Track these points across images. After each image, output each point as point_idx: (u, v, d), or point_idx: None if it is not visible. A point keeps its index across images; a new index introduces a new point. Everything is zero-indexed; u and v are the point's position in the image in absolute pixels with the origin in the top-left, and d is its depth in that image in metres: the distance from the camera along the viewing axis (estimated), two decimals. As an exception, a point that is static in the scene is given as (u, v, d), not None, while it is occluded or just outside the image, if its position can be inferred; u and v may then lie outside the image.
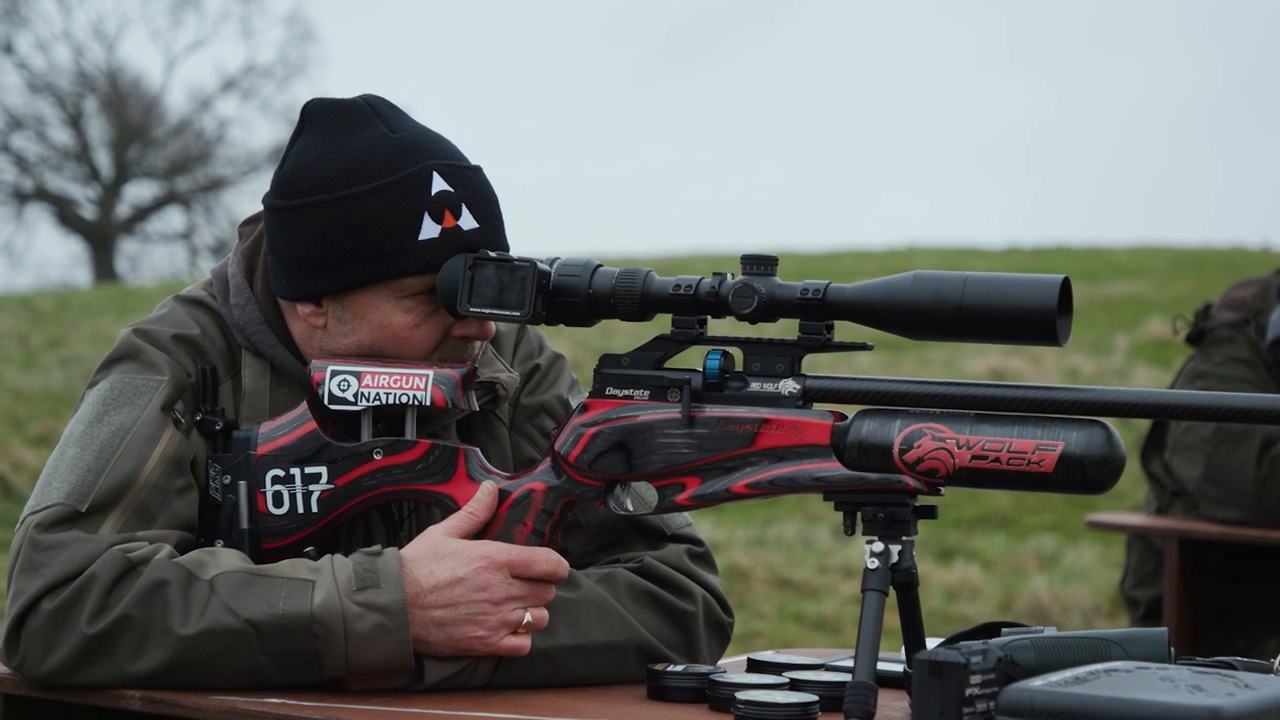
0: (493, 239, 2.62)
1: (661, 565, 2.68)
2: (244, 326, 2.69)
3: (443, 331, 2.64)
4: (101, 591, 2.43)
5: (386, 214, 2.58)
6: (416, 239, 2.58)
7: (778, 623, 9.12)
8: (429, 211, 2.59)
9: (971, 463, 2.25)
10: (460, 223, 2.60)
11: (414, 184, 2.60)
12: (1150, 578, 6.01)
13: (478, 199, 2.63)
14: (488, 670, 2.50)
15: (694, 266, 18.74)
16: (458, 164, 2.65)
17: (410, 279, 2.60)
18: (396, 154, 2.61)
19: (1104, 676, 2.04)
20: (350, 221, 2.59)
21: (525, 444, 2.79)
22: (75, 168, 33.89)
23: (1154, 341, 14.99)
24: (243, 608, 2.42)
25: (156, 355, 2.64)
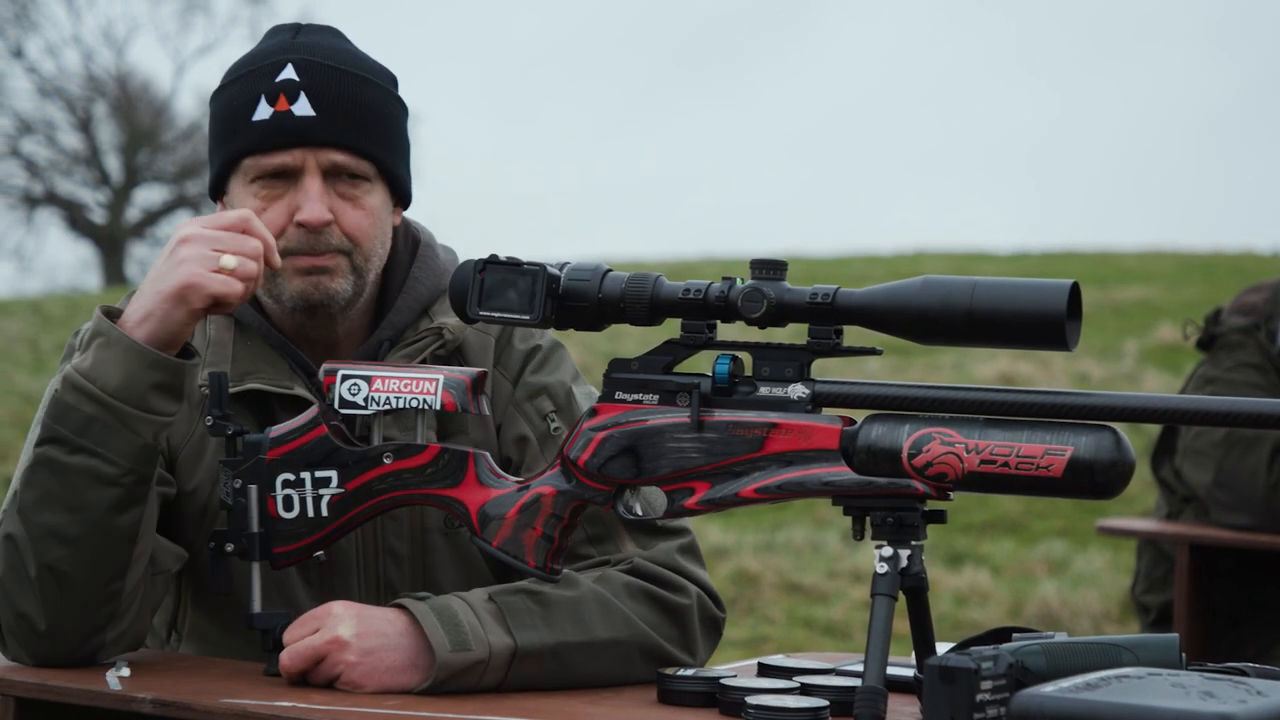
0: (331, 132, 2.73)
1: (652, 565, 2.70)
2: None
3: (288, 216, 2.74)
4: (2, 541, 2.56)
5: (235, 99, 2.76)
6: (250, 119, 2.72)
7: (787, 627, 9.11)
8: (265, 94, 2.73)
9: (980, 467, 2.25)
10: (294, 108, 2.72)
11: (264, 72, 2.75)
12: (1161, 583, 6.00)
13: (324, 93, 2.74)
14: (499, 670, 2.51)
15: (703, 271, 18.74)
16: (320, 61, 2.76)
17: (249, 159, 2.74)
18: (271, 50, 2.78)
19: (1115, 682, 2.04)
20: (216, 110, 2.79)
21: (521, 421, 2.83)
22: (85, 172, 33.95)
23: (1164, 346, 14.98)
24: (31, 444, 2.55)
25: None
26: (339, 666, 2.49)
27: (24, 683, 2.51)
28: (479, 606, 2.53)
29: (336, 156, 2.74)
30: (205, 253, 2.54)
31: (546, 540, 2.51)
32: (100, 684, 2.49)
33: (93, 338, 2.53)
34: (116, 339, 2.52)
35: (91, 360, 2.52)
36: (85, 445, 2.50)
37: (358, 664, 2.49)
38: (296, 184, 2.74)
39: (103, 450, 2.50)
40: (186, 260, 2.53)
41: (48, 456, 2.51)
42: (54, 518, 2.51)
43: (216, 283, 2.53)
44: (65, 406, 2.51)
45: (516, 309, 2.47)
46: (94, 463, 2.50)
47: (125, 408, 2.51)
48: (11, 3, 33.82)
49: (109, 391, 2.50)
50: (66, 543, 2.51)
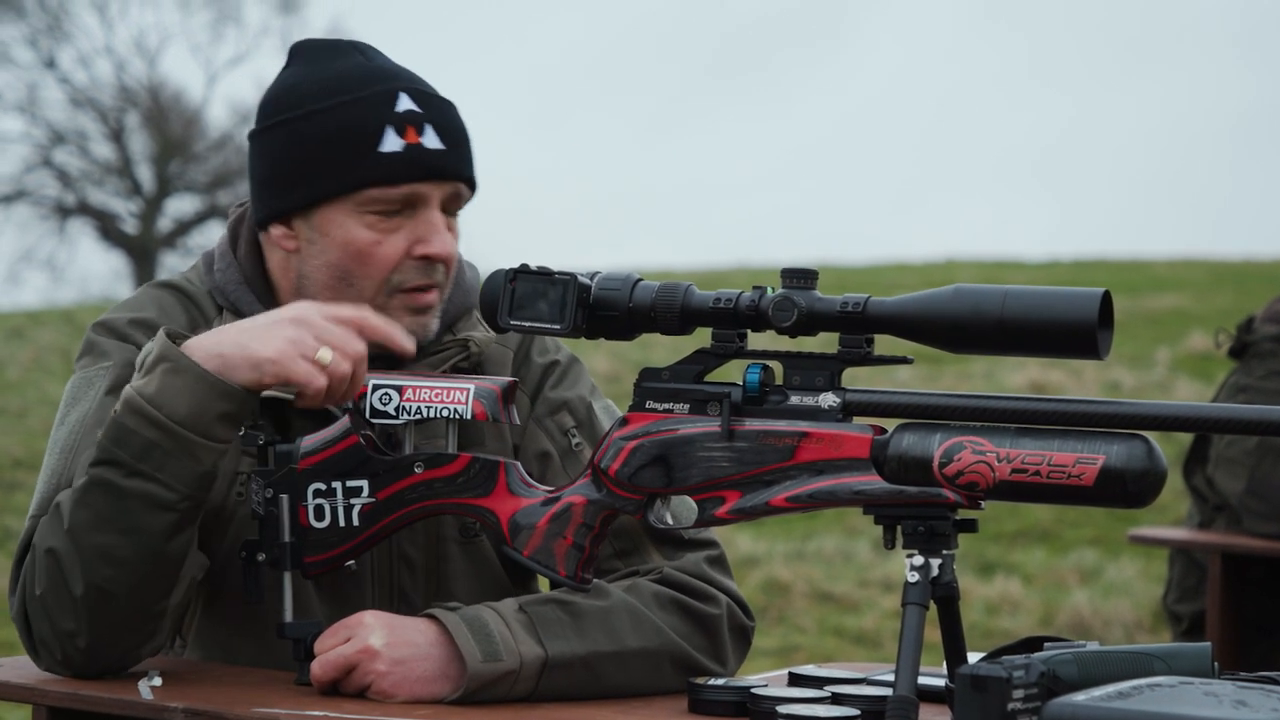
0: (457, 166, 2.72)
1: (681, 574, 2.69)
2: (224, 288, 2.79)
3: (406, 249, 2.70)
4: (39, 553, 2.54)
5: (351, 126, 2.68)
6: (378, 150, 2.67)
7: (818, 637, 9.11)
8: (393, 125, 2.68)
9: (1012, 476, 2.25)
10: (423, 140, 2.69)
11: (381, 99, 2.69)
12: (1193, 592, 5.99)
13: (445, 124, 2.72)
14: (530, 680, 2.51)
15: (734, 280, 18.74)
16: (426, 90, 2.74)
17: (372, 190, 2.68)
18: (368, 76, 2.72)
19: (1147, 691, 2.04)
20: (317, 134, 2.69)
21: (543, 437, 2.83)
22: (117, 182, 34.04)
23: (1196, 355, 14.94)
24: (86, 464, 2.51)
25: (108, 344, 2.74)
26: (370, 676, 2.50)
27: (56, 692, 2.52)
28: (510, 616, 2.53)
29: (459, 188, 2.74)
30: (307, 339, 2.49)
31: (577, 549, 2.51)
32: (132, 693, 2.50)
33: (157, 362, 2.49)
34: (186, 367, 2.47)
35: (157, 386, 2.48)
36: (144, 470, 2.48)
37: (388, 673, 2.49)
38: (414, 216, 2.70)
39: (161, 476, 2.48)
40: (286, 337, 2.49)
41: (104, 479, 2.49)
42: (106, 539, 2.49)
43: (301, 370, 2.48)
44: (125, 430, 2.48)
45: (547, 318, 2.47)
46: (152, 488, 2.48)
47: (189, 435, 2.48)
48: (44, 13, 33.95)
49: (175, 419, 2.47)
50: (117, 564, 2.49)
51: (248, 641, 2.72)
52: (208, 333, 2.54)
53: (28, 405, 14.57)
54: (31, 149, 33.67)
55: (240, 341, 2.49)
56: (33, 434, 13.29)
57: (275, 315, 2.52)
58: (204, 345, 2.50)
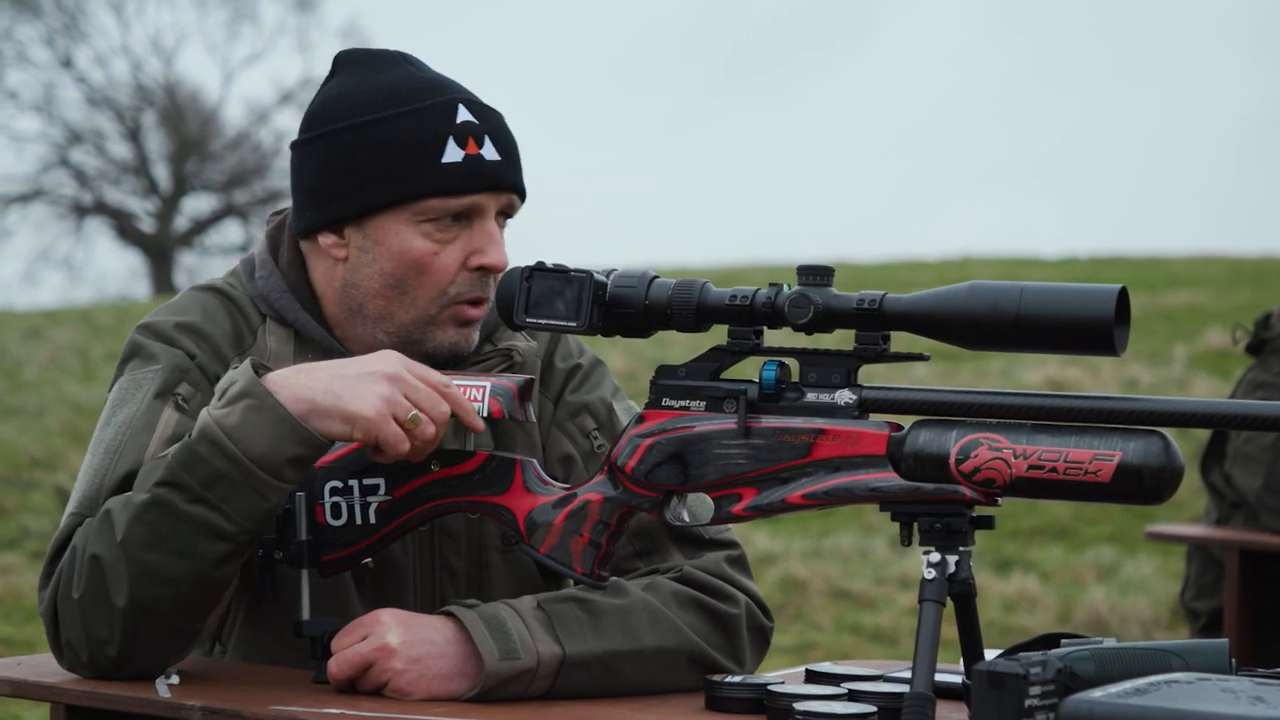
0: (512, 175, 2.73)
1: (701, 573, 2.69)
2: (267, 295, 2.78)
3: (462, 260, 2.70)
4: (80, 556, 2.52)
5: (411, 136, 2.68)
6: (440, 161, 2.67)
7: (834, 634, 9.10)
8: (454, 136, 2.68)
9: (1028, 473, 2.25)
10: (483, 152, 2.70)
11: (440, 111, 2.70)
12: (1210, 589, 5.99)
13: (500, 134, 2.73)
14: (547, 678, 2.51)
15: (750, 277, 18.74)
16: (480, 102, 2.75)
17: (431, 201, 2.68)
18: (424, 87, 2.73)
19: (1165, 688, 2.03)
20: (374, 144, 2.69)
21: (565, 440, 2.82)
22: (134, 181, 34.11)
23: (1213, 351, 14.92)
24: (149, 480, 2.49)
25: (155, 347, 2.72)
26: (386, 674, 2.50)
27: (74, 690, 2.53)
28: (528, 614, 2.53)
29: (513, 199, 2.74)
30: (401, 400, 2.47)
31: (594, 547, 2.52)
32: (150, 692, 2.50)
33: (241, 396, 2.46)
34: (271, 407, 2.45)
35: (238, 420, 2.45)
36: (208, 498, 2.46)
37: (405, 671, 2.49)
38: (469, 226, 2.70)
39: (225, 507, 2.47)
40: (381, 395, 2.47)
41: (166, 500, 2.47)
42: (158, 558, 2.48)
43: (391, 432, 2.46)
44: (196, 457, 2.46)
45: (563, 316, 2.47)
46: (213, 517, 2.47)
47: (260, 473, 2.46)
48: (61, 13, 34.01)
49: (250, 456, 2.45)
50: (165, 583, 2.49)
51: (286, 650, 2.71)
52: (296, 371, 2.51)
53: (45, 404, 14.60)
54: (48, 148, 33.77)
55: (334, 391, 2.47)
56: (50, 433, 13.32)
57: (368, 366, 2.50)
58: (293, 386, 2.48)
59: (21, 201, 33.57)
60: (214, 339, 2.73)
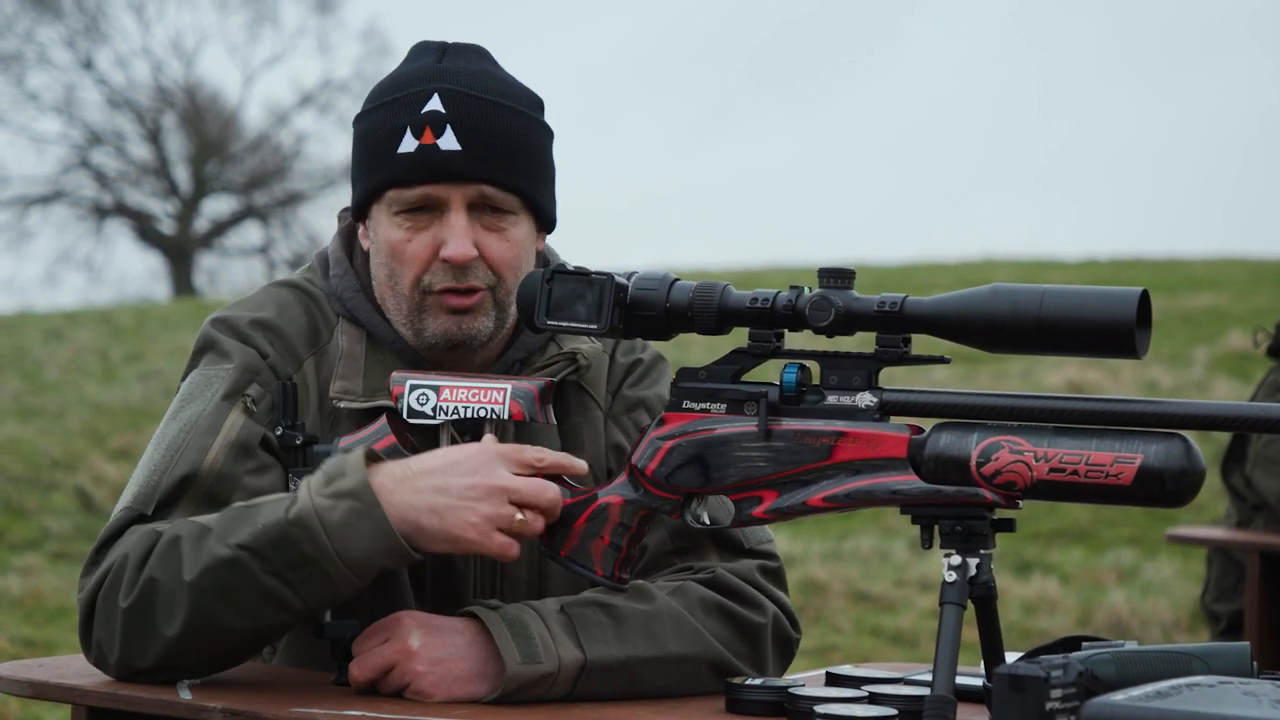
0: (474, 166, 2.69)
1: (732, 578, 2.68)
2: (340, 294, 2.78)
3: (432, 250, 2.70)
4: (134, 567, 2.50)
5: (379, 127, 2.72)
6: (396, 151, 2.69)
7: (855, 636, 9.10)
8: (411, 126, 2.69)
9: (1049, 475, 2.24)
10: (439, 142, 2.68)
11: (409, 102, 2.71)
12: (1231, 591, 5.98)
13: (471, 125, 2.69)
14: (567, 682, 2.51)
15: (771, 280, 18.73)
16: (466, 92, 2.71)
17: (393, 191, 2.70)
18: (416, 77, 2.73)
19: (1186, 691, 2.03)
20: (361, 136, 2.75)
21: (618, 432, 2.82)
22: (154, 183, 34.17)
23: (1234, 354, 14.90)
24: (233, 536, 2.46)
25: (229, 344, 2.71)
26: (408, 676, 2.50)
27: (96, 692, 2.53)
28: (550, 617, 2.53)
29: (483, 190, 2.71)
30: (504, 510, 2.45)
31: (614, 549, 2.51)
32: (171, 694, 2.50)
33: (348, 495, 2.44)
34: (377, 520, 2.43)
35: (339, 519, 2.43)
36: (287, 577, 2.45)
37: (426, 673, 2.49)
38: (442, 217, 2.70)
39: (300, 588, 2.46)
40: (484, 514, 2.45)
41: (244, 564, 2.45)
42: (220, 610, 2.47)
43: (496, 546, 2.46)
44: (288, 539, 2.44)
45: (584, 319, 2.47)
46: (286, 593, 2.46)
47: (348, 573, 2.45)
48: (82, 14, 34.08)
49: (344, 558, 2.44)
50: (219, 633, 2.49)
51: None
52: (403, 478, 2.46)
53: (65, 406, 14.62)
54: (69, 150, 33.85)
55: (437, 510, 2.45)
56: (70, 434, 13.34)
57: (469, 475, 2.46)
58: (399, 504, 2.45)
59: (42, 203, 33.66)
60: (289, 337, 2.73)
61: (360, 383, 2.72)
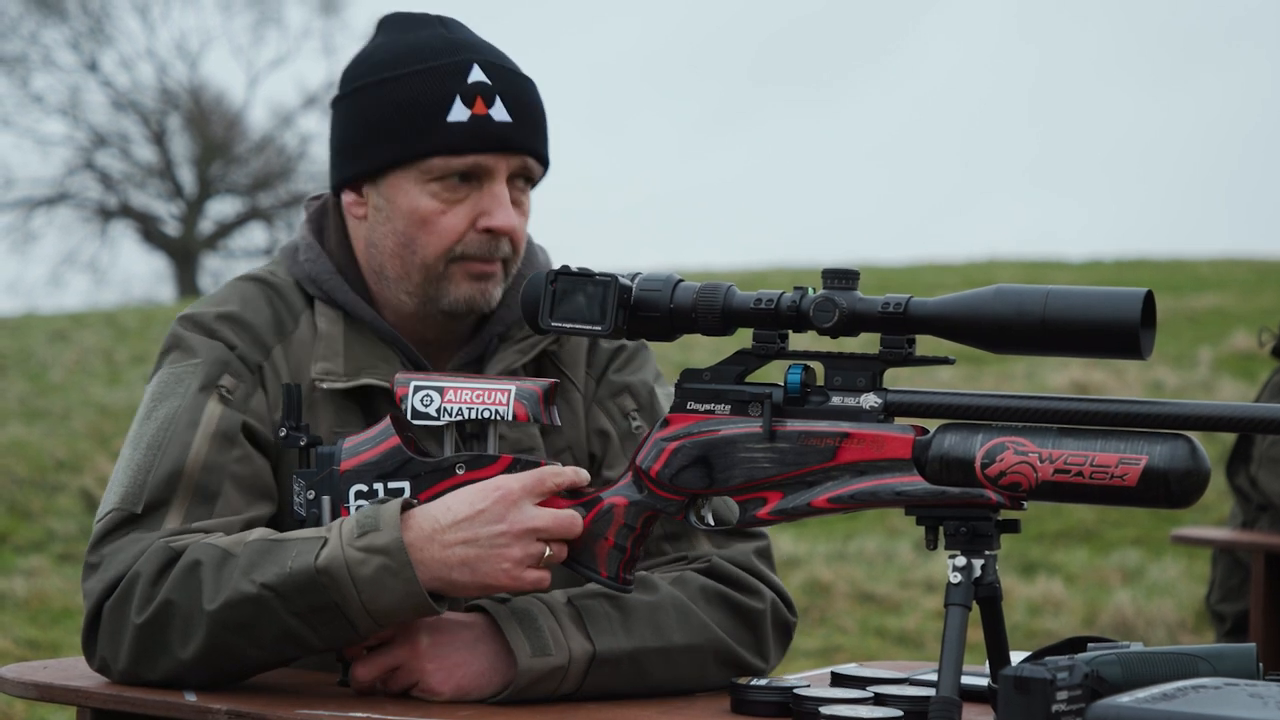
0: (526, 138, 2.73)
1: (730, 566, 2.70)
2: (315, 277, 2.79)
3: (470, 220, 2.72)
4: (147, 583, 2.50)
5: (421, 95, 2.70)
6: (445, 119, 2.69)
7: (860, 637, 9.10)
8: (461, 95, 2.70)
9: (1054, 477, 2.24)
10: (491, 112, 2.70)
11: (452, 70, 2.71)
12: (1236, 592, 5.97)
13: (515, 96, 2.73)
14: (578, 676, 2.51)
15: (775, 281, 18.72)
16: (500, 64, 2.75)
17: (436, 159, 2.70)
18: (444, 47, 2.74)
19: (1192, 693, 2.03)
20: (388, 102, 2.72)
21: (603, 418, 2.84)
22: (159, 184, 34.18)
23: (1239, 354, 14.89)
24: (259, 573, 2.46)
25: (195, 339, 2.72)
26: (415, 675, 2.50)
27: (101, 694, 2.53)
28: (559, 610, 2.53)
29: (526, 161, 2.75)
30: (533, 549, 2.45)
31: (619, 550, 2.51)
32: (176, 696, 2.50)
33: (380, 552, 2.43)
34: (408, 580, 2.43)
35: (370, 575, 2.43)
36: (310, 620, 2.46)
37: (435, 671, 2.49)
38: (480, 188, 2.72)
39: (321, 630, 2.46)
40: (514, 558, 2.45)
41: (267, 603, 2.45)
42: (240, 643, 2.48)
43: (527, 583, 2.46)
44: (316, 586, 2.44)
45: (588, 319, 2.47)
46: (307, 633, 2.46)
47: (369, 621, 2.46)
48: (87, 16, 34.10)
49: (370, 610, 2.44)
50: (235, 660, 2.50)
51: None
52: (432, 526, 2.45)
53: (70, 407, 14.63)
54: (74, 152, 33.87)
55: (469, 563, 2.44)
56: (76, 436, 13.34)
57: (495, 524, 2.46)
58: (429, 557, 2.44)
59: (47, 205, 33.67)
60: (254, 327, 2.73)
61: (341, 363, 2.74)
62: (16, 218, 33.47)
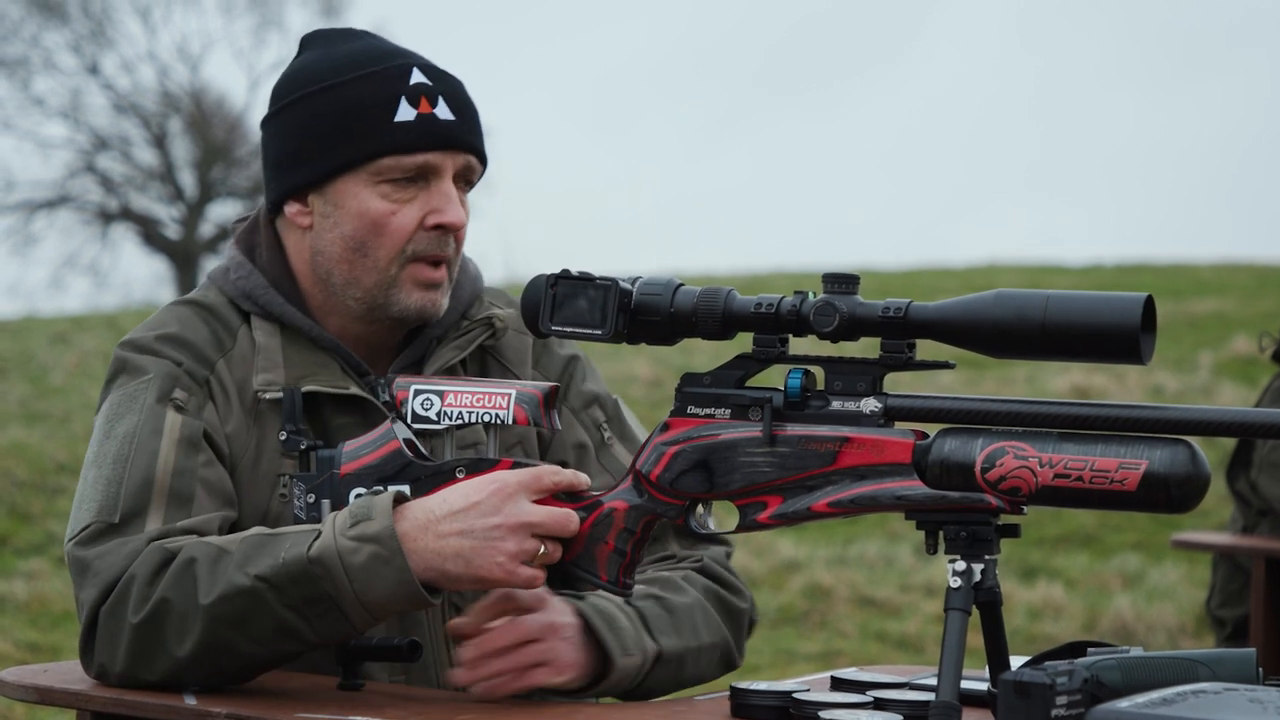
0: (467, 135, 2.77)
1: (718, 567, 2.80)
2: (249, 293, 2.81)
3: (419, 219, 2.75)
4: (143, 584, 2.51)
5: (366, 98, 2.74)
6: (393, 120, 2.72)
7: (860, 641, 9.09)
8: (406, 96, 2.74)
9: (1054, 481, 2.24)
10: (436, 111, 2.74)
11: (394, 74, 2.76)
12: (1236, 597, 5.97)
13: (455, 95, 2.78)
14: (643, 676, 2.61)
15: (775, 285, 18.71)
16: (436, 66, 2.80)
17: (386, 160, 2.73)
18: (380, 53, 2.79)
19: (1192, 698, 2.03)
20: (332, 108, 2.75)
21: (579, 429, 2.90)
22: (160, 187, 34.15)
23: (1239, 359, 14.89)
24: (253, 566, 2.47)
25: (141, 360, 2.74)
26: (550, 654, 2.54)
27: (101, 697, 2.53)
28: (627, 610, 2.62)
29: (470, 159, 2.79)
30: (528, 545, 2.45)
31: (619, 555, 2.51)
32: (176, 699, 2.50)
33: (372, 540, 2.44)
34: (400, 569, 2.43)
35: (362, 563, 2.43)
36: (304, 612, 2.46)
37: (565, 650, 2.56)
38: (428, 187, 2.76)
39: (316, 623, 2.47)
40: (509, 552, 2.45)
41: (261, 595, 2.46)
42: (236, 637, 2.48)
43: (521, 580, 2.46)
44: (309, 576, 2.44)
45: (589, 323, 2.47)
46: (302, 626, 2.47)
47: (365, 614, 2.46)
48: (88, 19, 34.10)
49: (363, 601, 2.45)
50: (231, 656, 2.50)
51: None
52: (427, 525, 2.46)
53: (71, 410, 14.62)
54: (75, 154, 33.84)
55: (462, 554, 2.44)
56: (76, 439, 13.33)
57: (491, 516, 2.46)
58: (423, 547, 2.45)
59: (48, 208, 33.66)
60: (195, 345, 2.75)
61: (281, 373, 2.76)
62: (17, 220, 33.48)
